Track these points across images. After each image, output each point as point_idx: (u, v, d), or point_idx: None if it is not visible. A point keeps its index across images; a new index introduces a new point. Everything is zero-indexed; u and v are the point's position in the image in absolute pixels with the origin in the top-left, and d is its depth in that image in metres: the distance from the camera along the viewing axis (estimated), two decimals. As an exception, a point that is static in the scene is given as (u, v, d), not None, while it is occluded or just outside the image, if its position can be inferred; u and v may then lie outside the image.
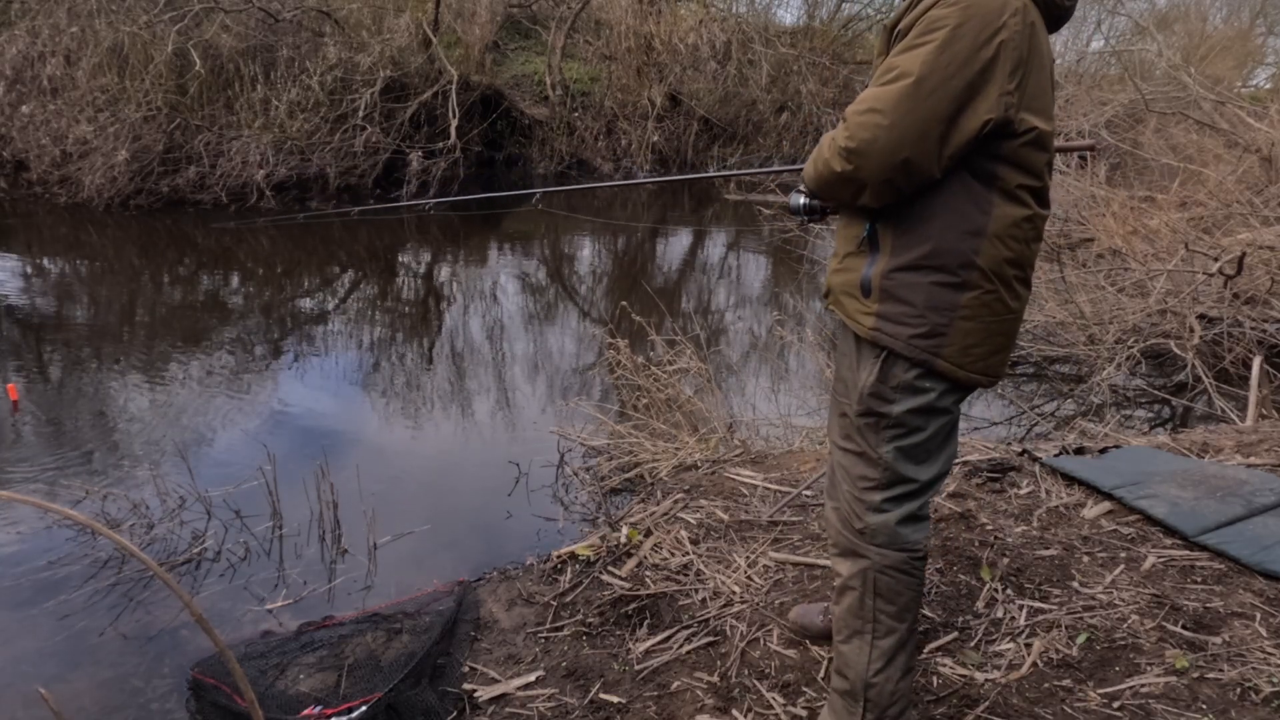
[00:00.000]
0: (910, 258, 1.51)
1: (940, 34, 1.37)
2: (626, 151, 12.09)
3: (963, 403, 1.67)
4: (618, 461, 3.63)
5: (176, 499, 3.29)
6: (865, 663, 1.66)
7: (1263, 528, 2.60)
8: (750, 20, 13.12)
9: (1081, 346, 5.33)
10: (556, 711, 2.08)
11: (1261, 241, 5.65)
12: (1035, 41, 1.42)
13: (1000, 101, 1.39)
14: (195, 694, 2.27)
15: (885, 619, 1.64)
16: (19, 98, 8.71)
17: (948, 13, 1.37)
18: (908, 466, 1.60)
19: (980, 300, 1.51)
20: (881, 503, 1.62)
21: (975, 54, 1.36)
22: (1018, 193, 1.48)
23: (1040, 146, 1.47)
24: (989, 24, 1.36)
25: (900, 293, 1.53)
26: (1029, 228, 1.52)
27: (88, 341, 5.21)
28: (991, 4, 1.37)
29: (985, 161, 1.46)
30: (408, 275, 7.54)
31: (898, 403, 1.57)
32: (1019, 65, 1.39)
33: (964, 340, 1.52)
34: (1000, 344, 1.57)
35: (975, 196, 1.47)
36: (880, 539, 1.62)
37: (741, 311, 6.94)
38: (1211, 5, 16.13)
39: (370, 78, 9.69)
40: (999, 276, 1.51)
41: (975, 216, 1.47)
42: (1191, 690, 1.96)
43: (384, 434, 4.19)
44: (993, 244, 1.48)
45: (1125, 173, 9.34)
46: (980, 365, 1.55)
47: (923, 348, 1.52)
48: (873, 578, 1.63)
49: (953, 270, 1.49)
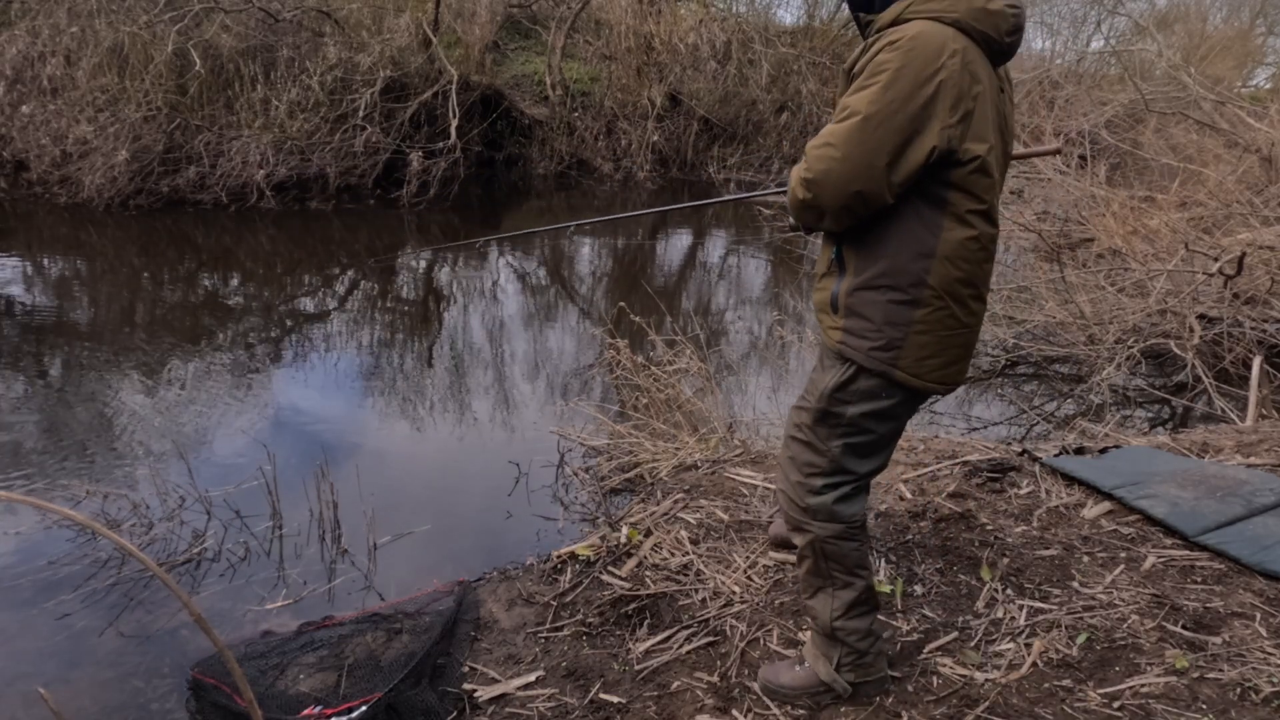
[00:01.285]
0: (867, 277, 1.68)
1: (884, 75, 1.52)
2: (626, 151, 12.09)
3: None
4: (618, 461, 3.63)
5: (176, 499, 3.29)
6: (829, 611, 1.92)
7: (1263, 528, 2.60)
8: (750, 20, 13.11)
9: (1081, 346, 5.33)
10: (556, 711, 2.08)
11: (1261, 241, 5.65)
12: (976, 77, 1.55)
13: (943, 134, 1.53)
14: (195, 694, 2.27)
15: (839, 575, 1.90)
16: (19, 98, 8.70)
17: (891, 56, 1.52)
18: (852, 461, 1.81)
19: (933, 316, 1.66)
20: (821, 487, 1.83)
21: (917, 92, 1.51)
22: (966, 216, 1.62)
23: (984, 172, 1.61)
24: (929, 65, 1.50)
25: (861, 309, 1.69)
26: (976, 248, 1.65)
27: (88, 341, 5.21)
28: (930, 47, 1.51)
29: (935, 188, 1.60)
30: (408, 275, 7.54)
31: (854, 405, 1.75)
32: (959, 100, 1.53)
33: (919, 353, 1.68)
34: (956, 355, 1.73)
35: (926, 221, 1.62)
36: (821, 516, 1.84)
37: (741, 311, 6.94)
38: (1211, 5, 16.13)
39: (370, 78, 9.68)
40: (951, 295, 1.66)
41: (926, 239, 1.62)
42: (1191, 690, 1.96)
43: (384, 434, 4.19)
44: (943, 265, 1.63)
45: (1125, 173, 9.34)
46: (936, 375, 1.71)
47: (881, 359, 1.69)
48: (819, 546, 1.87)
49: (904, 289, 1.65)
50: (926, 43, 1.51)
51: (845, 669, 1.97)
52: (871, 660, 1.98)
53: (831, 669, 1.97)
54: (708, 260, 8.87)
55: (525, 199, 11.15)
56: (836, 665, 1.97)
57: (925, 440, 3.47)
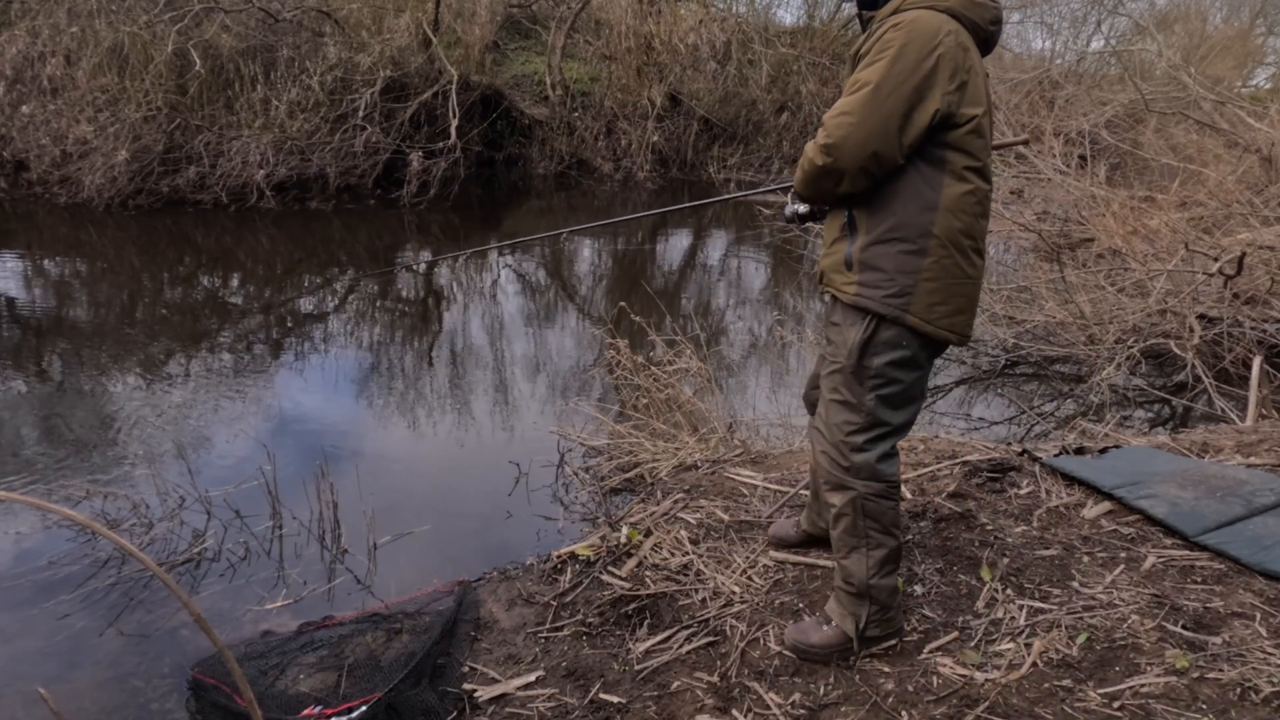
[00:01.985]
0: (879, 232, 1.88)
1: (891, 51, 1.76)
2: (626, 151, 12.08)
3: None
4: (618, 461, 3.63)
5: (176, 499, 3.29)
6: (865, 570, 2.05)
7: (1263, 528, 2.60)
8: (750, 20, 13.11)
9: (1081, 346, 5.33)
10: (556, 711, 2.08)
11: (1261, 241, 5.65)
12: (968, 53, 1.81)
13: (944, 99, 1.77)
14: (195, 694, 2.27)
15: (875, 534, 2.04)
16: (19, 98, 8.70)
17: (896, 35, 1.76)
18: (885, 412, 1.97)
19: (939, 264, 1.86)
20: (863, 443, 1.99)
21: (920, 64, 1.75)
22: (964, 173, 1.84)
23: (978, 133, 1.84)
24: (929, 41, 1.75)
25: (875, 262, 1.89)
26: (973, 201, 1.87)
27: (88, 341, 5.21)
28: (929, 28, 1.76)
29: (934, 149, 1.83)
30: (408, 275, 7.54)
31: (879, 356, 1.93)
32: (956, 71, 1.77)
33: (928, 299, 1.87)
34: (961, 304, 1.91)
35: (928, 178, 1.84)
36: (864, 474, 2.00)
37: (741, 311, 6.94)
38: (1211, 5, 16.14)
39: (370, 78, 9.68)
40: (954, 244, 1.86)
41: (929, 194, 1.84)
42: (1191, 690, 1.96)
43: (384, 434, 4.19)
44: (945, 215, 1.84)
45: (1125, 173, 9.34)
46: (945, 322, 1.90)
47: (895, 305, 1.88)
48: (860, 504, 2.02)
49: (913, 239, 1.85)
50: (926, 24, 1.76)
51: (873, 624, 2.09)
52: (894, 615, 2.12)
53: (859, 626, 2.09)
54: (708, 260, 8.87)
55: (525, 199, 11.15)
56: (866, 622, 2.09)
57: (925, 440, 3.47)
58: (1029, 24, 15.51)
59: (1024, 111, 10.62)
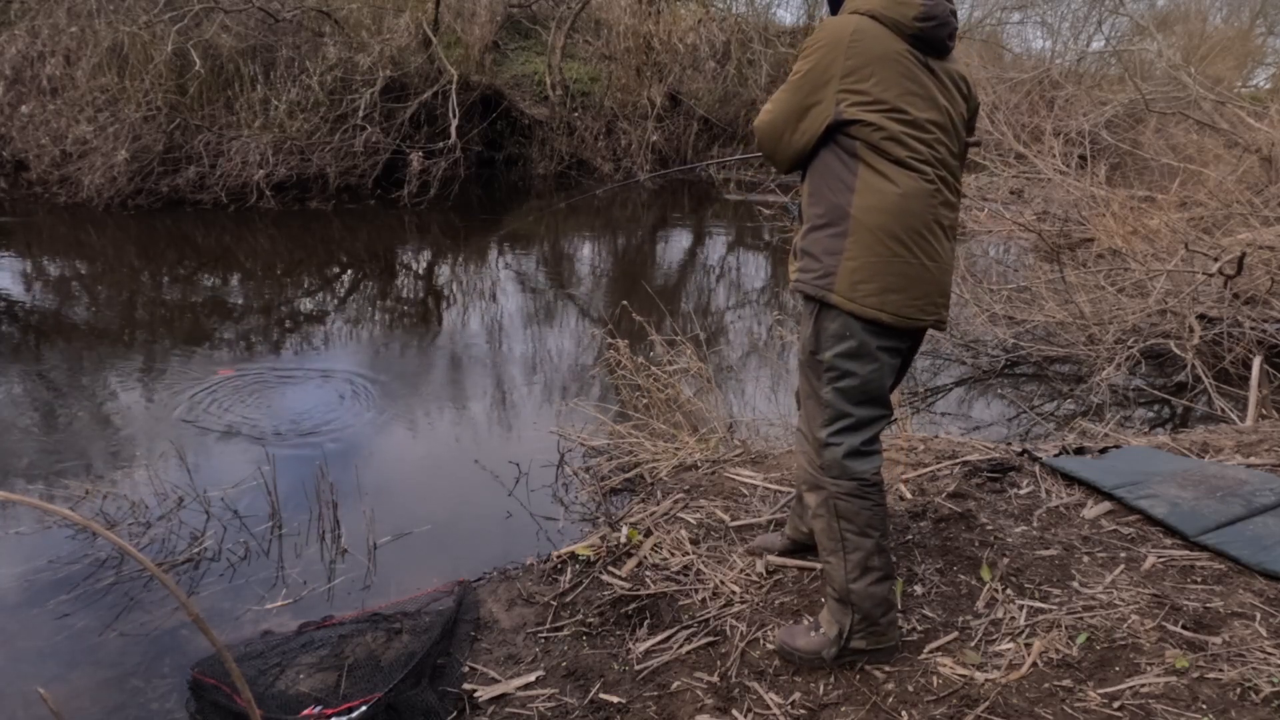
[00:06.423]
0: (813, 221, 1.99)
1: (805, 53, 1.93)
2: (626, 151, 12.08)
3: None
4: (618, 461, 3.63)
5: (175, 499, 3.29)
6: (843, 574, 2.03)
7: (1263, 528, 2.60)
8: (750, 20, 13.10)
9: (1081, 346, 5.32)
10: (556, 711, 2.08)
11: (1261, 241, 5.65)
12: (875, 53, 1.85)
13: (834, 98, 1.87)
14: (195, 694, 2.26)
15: (851, 536, 2.01)
16: (19, 98, 8.70)
17: (813, 38, 1.93)
18: (843, 404, 1.98)
19: (858, 245, 1.90)
20: (828, 437, 2.00)
21: (818, 63, 1.88)
22: (881, 168, 1.89)
23: (896, 140, 1.87)
24: (836, 44, 1.86)
25: (810, 248, 1.99)
26: (897, 194, 1.88)
27: (87, 341, 5.21)
28: (839, 31, 1.87)
29: (846, 140, 1.91)
30: (408, 275, 7.53)
31: (829, 348, 1.96)
32: (852, 72, 1.85)
33: (850, 278, 1.90)
34: (893, 284, 1.90)
35: (846, 164, 1.92)
36: (834, 471, 2.00)
37: (741, 311, 6.94)
38: (1211, 5, 16.12)
39: (370, 78, 9.68)
40: (880, 227, 1.89)
41: (847, 178, 1.92)
42: (1191, 690, 1.96)
43: (383, 434, 4.18)
44: (861, 197, 1.90)
45: (1125, 173, 9.34)
46: (873, 301, 1.90)
47: (820, 286, 1.95)
48: (832, 504, 2.01)
49: (836, 223, 1.93)
50: (838, 27, 1.88)
51: (857, 635, 2.05)
52: (884, 629, 2.07)
53: (841, 636, 2.05)
54: (708, 260, 8.86)
55: (525, 199, 11.15)
56: (849, 631, 2.05)
57: (925, 440, 3.47)
58: (1029, 24, 15.51)
59: (1024, 111, 10.62)
